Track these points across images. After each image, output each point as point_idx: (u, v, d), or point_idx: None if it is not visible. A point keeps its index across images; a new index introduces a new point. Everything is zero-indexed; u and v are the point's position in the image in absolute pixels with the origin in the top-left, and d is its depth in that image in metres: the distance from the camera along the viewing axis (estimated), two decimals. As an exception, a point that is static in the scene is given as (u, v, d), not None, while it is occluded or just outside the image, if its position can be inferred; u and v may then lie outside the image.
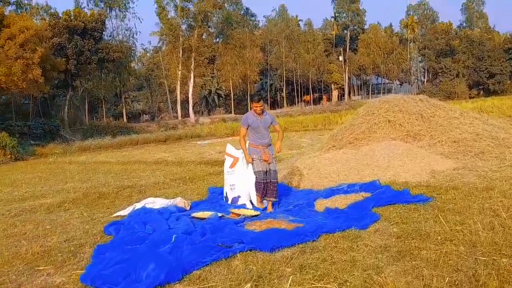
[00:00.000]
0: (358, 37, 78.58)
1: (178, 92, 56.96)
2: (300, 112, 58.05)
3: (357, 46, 78.31)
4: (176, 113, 58.48)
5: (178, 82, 56.11)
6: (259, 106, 7.38)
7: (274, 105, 75.04)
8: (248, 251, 5.14)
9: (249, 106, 66.28)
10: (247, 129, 7.51)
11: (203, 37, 59.69)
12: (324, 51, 75.68)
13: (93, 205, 9.02)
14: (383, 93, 77.93)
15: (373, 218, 6.12)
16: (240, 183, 8.02)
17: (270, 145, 7.64)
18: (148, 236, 5.88)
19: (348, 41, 77.48)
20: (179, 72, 55.08)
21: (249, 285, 3.97)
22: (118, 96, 57.27)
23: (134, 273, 4.42)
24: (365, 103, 14.58)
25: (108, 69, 46.69)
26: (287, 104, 73.18)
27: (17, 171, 18.14)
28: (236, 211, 7.24)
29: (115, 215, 7.82)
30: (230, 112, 63.75)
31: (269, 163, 7.51)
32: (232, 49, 61.25)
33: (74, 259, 5.38)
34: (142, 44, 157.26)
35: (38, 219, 7.99)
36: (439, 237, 5.14)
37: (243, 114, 58.27)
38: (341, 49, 77.27)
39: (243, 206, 7.82)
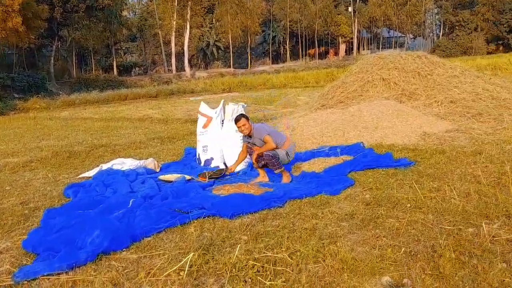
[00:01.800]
0: (370, -14, 77.26)
1: (173, 44, 56.52)
2: (304, 66, 57.65)
3: (368, -5, 77.08)
4: (171, 66, 58.10)
5: (173, 33, 55.60)
6: (240, 126, 6.70)
7: (277, 59, 74.48)
8: (207, 218, 5.16)
9: (249, 61, 65.73)
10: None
11: (201, -17, 58.86)
12: (332, 1, 74.45)
13: (61, 165, 9.02)
14: (394, 47, 77.03)
15: (347, 184, 6.12)
16: (213, 144, 8.01)
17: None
18: (106, 199, 5.89)
19: (358, -10, 76.21)
20: (174, 22, 54.48)
21: (191, 255, 3.97)
22: (109, 47, 56.80)
23: (79, 239, 4.44)
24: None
25: (98, 18, 46.12)
26: (290, 58, 72.62)
27: (-7, 126, 18.17)
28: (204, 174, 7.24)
29: (80, 176, 7.85)
30: (229, 66, 63.31)
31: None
32: (232, -3, 60.41)
33: (24, 224, 5.40)
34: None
35: (0, 179, 8.03)
36: (409, 205, 5.14)
37: (243, 68, 57.10)
38: (351, -1, 76.10)
39: (216, 168, 7.81)
